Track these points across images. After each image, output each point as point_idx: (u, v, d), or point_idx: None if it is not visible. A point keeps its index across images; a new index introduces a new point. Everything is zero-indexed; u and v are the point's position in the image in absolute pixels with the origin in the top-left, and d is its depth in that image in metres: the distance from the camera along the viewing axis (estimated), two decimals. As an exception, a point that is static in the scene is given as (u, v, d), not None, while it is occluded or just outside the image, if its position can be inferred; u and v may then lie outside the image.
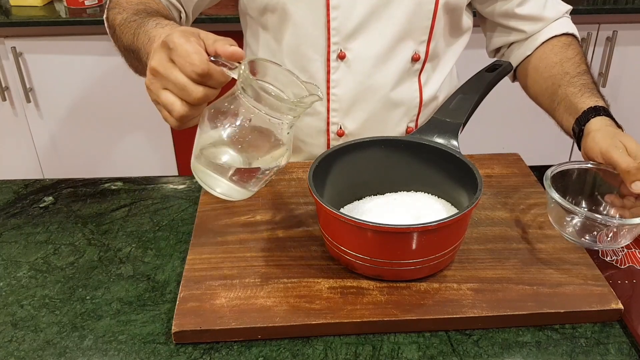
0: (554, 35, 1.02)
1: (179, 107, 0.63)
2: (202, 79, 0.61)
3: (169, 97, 0.63)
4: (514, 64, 1.06)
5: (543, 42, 1.03)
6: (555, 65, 0.99)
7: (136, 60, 0.81)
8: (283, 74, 0.66)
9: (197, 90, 0.62)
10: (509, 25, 1.04)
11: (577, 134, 0.88)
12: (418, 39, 0.96)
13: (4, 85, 2.01)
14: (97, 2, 1.97)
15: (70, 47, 1.95)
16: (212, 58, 0.62)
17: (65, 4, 1.99)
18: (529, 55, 1.04)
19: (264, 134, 0.65)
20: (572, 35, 1.04)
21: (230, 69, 0.62)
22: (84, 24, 1.88)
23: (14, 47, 1.92)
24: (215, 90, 0.64)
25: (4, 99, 2.04)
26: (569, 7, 1.06)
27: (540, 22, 1.03)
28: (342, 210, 0.80)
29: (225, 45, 0.62)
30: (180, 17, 1.01)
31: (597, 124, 0.85)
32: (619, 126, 0.86)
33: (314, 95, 0.65)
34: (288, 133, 0.66)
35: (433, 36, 0.97)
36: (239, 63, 0.62)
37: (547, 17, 1.03)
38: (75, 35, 1.93)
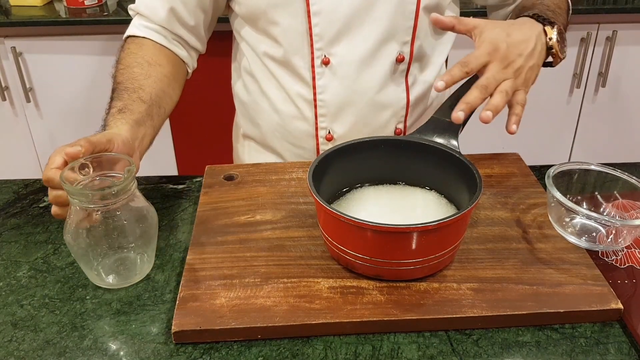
0: None
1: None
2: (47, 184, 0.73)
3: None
4: None
5: None
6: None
7: None
8: None
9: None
10: None
11: None
12: (401, 39, 0.96)
13: (3, 85, 2.01)
14: (97, 2, 1.97)
15: (70, 47, 1.95)
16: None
17: (65, 3, 1.99)
18: None
19: None
20: None
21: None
22: (84, 23, 1.88)
23: (14, 47, 1.93)
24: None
25: (4, 99, 2.04)
26: None
27: None
28: (339, 201, 0.81)
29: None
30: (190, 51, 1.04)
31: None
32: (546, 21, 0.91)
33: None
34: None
35: (417, 36, 0.96)
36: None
37: None
38: (75, 35, 1.93)
